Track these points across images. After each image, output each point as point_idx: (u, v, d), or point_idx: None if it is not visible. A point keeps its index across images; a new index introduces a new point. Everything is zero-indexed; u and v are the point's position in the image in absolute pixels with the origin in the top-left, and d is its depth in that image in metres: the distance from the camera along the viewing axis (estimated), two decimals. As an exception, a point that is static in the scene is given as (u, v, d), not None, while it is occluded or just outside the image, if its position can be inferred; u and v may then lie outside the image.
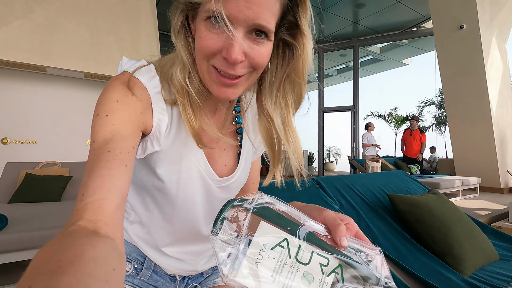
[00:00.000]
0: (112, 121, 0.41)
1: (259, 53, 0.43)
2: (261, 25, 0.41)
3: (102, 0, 4.39)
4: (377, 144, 6.63)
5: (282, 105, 0.52)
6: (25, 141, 4.38)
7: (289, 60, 0.50)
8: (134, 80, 0.46)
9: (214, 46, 0.41)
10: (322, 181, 1.32)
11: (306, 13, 0.47)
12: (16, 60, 3.77)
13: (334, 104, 9.04)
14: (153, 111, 0.47)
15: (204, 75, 0.46)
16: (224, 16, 0.39)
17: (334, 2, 6.31)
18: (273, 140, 0.54)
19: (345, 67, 10.81)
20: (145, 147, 0.49)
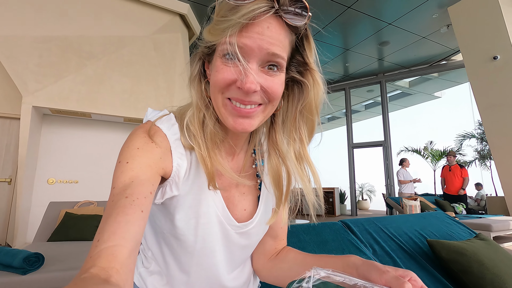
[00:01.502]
0: (132, 167, 0.43)
1: (272, 84, 0.45)
2: (275, 54, 0.43)
3: (143, 53, 4.92)
4: (415, 179, 6.21)
5: (296, 139, 0.53)
6: (68, 181, 4.72)
7: (300, 96, 0.52)
8: (155, 129, 0.49)
9: (229, 77, 0.44)
10: (352, 224, 1.24)
11: (311, 50, 0.50)
12: (67, 109, 4.23)
13: (364, 139, 8.81)
14: (173, 156, 0.49)
15: (219, 109, 0.47)
16: (237, 48, 0.42)
17: (357, 41, 6.48)
18: (281, 179, 0.54)
19: (373, 102, 10.69)
20: (164, 192, 0.51)
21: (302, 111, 0.52)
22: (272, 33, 0.43)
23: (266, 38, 0.42)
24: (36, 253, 1.63)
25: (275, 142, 0.55)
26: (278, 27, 0.44)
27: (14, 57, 4.06)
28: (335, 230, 1.15)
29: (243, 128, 0.46)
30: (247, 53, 0.43)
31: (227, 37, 0.42)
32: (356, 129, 8.97)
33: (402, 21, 5.71)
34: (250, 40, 0.42)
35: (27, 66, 4.10)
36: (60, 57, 4.31)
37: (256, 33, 0.42)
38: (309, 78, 0.51)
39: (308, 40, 0.50)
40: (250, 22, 0.42)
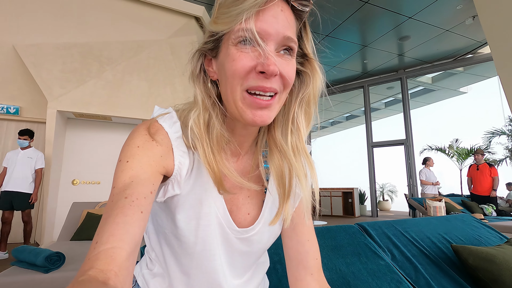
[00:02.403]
0: (132, 166, 0.42)
1: (288, 68, 0.45)
2: (289, 38, 0.43)
3: (160, 57, 5.03)
4: (435, 182, 5.93)
5: (293, 131, 0.52)
6: (90, 182, 4.90)
7: (300, 87, 0.52)
8: (156, 126, 0.48)
9: (248, 63, 0.43)
10: (369, 227, 1.18)
11: (309, 39, 0.51)
12: (89, 112, 4.40)
13: (384, 138, 8.53)
14: (174, 154, 0.48)
15: (237, 104, 0.45)
16: (255, 32, 0.41)
17: (376, 37, 6.29)
18: (284, 176, 0.52)
19: (394, 99, 10.34)
20: (166, 190, 0.49)
21: (301, 102, 0.52)
22: (286, 16, 0.44)
23: (281, 22, 0.43)
24: (57, 252, 1.69)
25: (274, 136, 0.53)
26: (289, 11, 0.45)
27: (40, 64, 4.27)
28: (351, 234, 1.10)
29: (262, 120, 0.45)
30: (265, 37, 0.42)
31: (243, 23, 0.41)
32: (376, 128, 8.71)
33: (423, 14, 5.47)
34: (266, 24, 0.42)
35: (52, 72, 4.29)
36: (82, 62, 4.49)
37: (272, 16, 0.42)
38: (309, 68, 0.51)
39: (306, 29, 0.50)
40: (264, 6, 0.42)
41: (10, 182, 3.57)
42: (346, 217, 8.56)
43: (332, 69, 7.95)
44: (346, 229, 1.12)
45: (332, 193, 8.98)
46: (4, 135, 4.62)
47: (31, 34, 4.37)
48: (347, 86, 9.09)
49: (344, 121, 13.26)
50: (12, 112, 4.52)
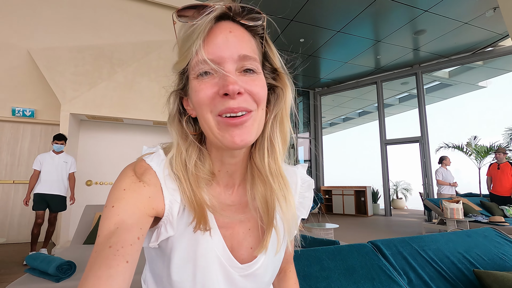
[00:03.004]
0: (117, 212, 0.40)
1: (255, 84, 0.44)
2: (246, 56, 0.43)
3: (170, 58, 5.02)
4: (452, 183, 5.72)
5: (270, 152, 0.50)
6: (104, 182, 4.99)
7: (275, 103, 0.51)
8: (143, 166, 0.46)
9: (210, 90, 0.43)
10: (384, 246, 1.12)
11: (274, 54, 0.50)
12: (100, 115, 4.45)
13: (398, 135, 8.31)
14: (164, 193, 0.46)
15: (213, 131, 0.44)
16: (208, 60, 0.41)
17: (390, 32, 6.08)
18: (269, 203, 0.50)
19: (408, 95, 10.04)
20: (159, 233, 0.47)
21: (275, 118, 0.51)
22: (237, 36, 0.43)
23: (232, 43, 0.43)
24: (68, 261, 1.71)
25: (254, 160, 0.52)
26: (240, 30, 0.45)
27: (53, 68, 4.34)
28: (364, 254, 1.04)
29: (242, 139, 0.43)
30: (219, 63, 0.42)
31: (194, 55, 0.42)
32: (390, 124, 8.49)
33: (440, 7, 5.23)
34: (218, 49, 0.42)
35: (64, 75, 4.36)
36: (94, 65, 4.54)
37: (221, 40, 0.42)
38: (280, 82, 0.51)
39: (269, 43, 0.50)
40: (211, 31, 0.43)
41: (46, 185, 3.66)
42: (359, 216, 8.43)
43: (344, 65, 7.77)
44: (359, 249, 1.07)
45: (344, 191, 8.84)
46: (21, 137, 4.75)
47: (45, 38, 4.45)
48: (359, 82, 8.88)
49: (356, 117, 13.01)
50: (28, 115, 4.64)
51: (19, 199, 4.61)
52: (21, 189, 4.65)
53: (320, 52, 7.01)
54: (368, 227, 6.34)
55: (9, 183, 4.60)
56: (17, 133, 4.73)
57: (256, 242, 0.53)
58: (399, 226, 6.44)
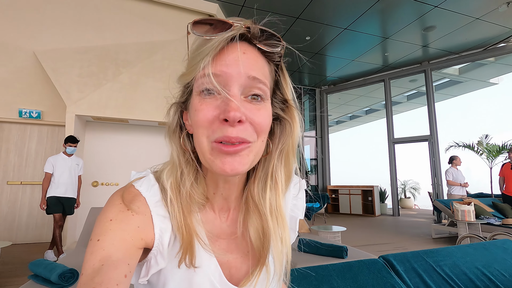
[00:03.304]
0: (103, 246, 0.37)
1: (259, 114, 0.41)
2: (256, 78, 0.40)
3: (174, 57, 4.99)
4: (463, 183, 5.58)
5: (272, 188, 0.48)
6: (109, 183, 4.99)
7: (281, 136, 0.48)
8: (132, 192, 0.44)
9: (210, 112, 0.40)
10: (396, 261, 1.06)
11: (287, 85, 0.47)
12: (106, 116, 4.45)
13: (406, 133, 8.15)
14: (154, 222, 0.43)
15: (205, 156, 0.42)
16: (212, 77, 0.39)
17: (398, 28, 5.94)
18: (261, 238, 0.47)
19: (417, 92, 9.85)
20: (149, 266, 0.43)
21: (281, 153, 0.48)
22: (250, 58, 0.41)
23: (243, 63, 0.40)
24: (71, 269, 1.68)
25: (253, 192, 0.49)
26: (255, 53, 0.42)
27: (58, 69, 4.35)
28: (376, 272, 0.98)
29: (233, 168, 0.40)
30: (226, 82, 0.40)
31: (201, 70, 0.40)
32: (398, 122, 8.33)
33: (450, 3, 5.08)
34: (226, 66, 0.39)
35: (70, 77, 4.36)
36: (99, 66, 4.53)
37: (232, 59, 0.40)
38: (289, 115, 0.48)
39: (284, 72, 0.47)
40: (224, 49, 0.40)
41: (61, 188, 3.67)
42: (366, 216, 8.32)
43: (351, 63, 7.65)
44: (370, 265, 1.01)
45: (351, 191, 8.73)
46: (28, 138, 4.78)
47: (51, 40, 4.45)
48: (366, 80, 8.73)
49: (363, 115, 12.83)
50: (35, 116, 4.66)
51: (26, 200, 4.65)
52: (29, 190, 4.69)
53: (327, 49, 6.90)
54: (375, 228, 6.24)
55: (17, 184, 4.64)
56: (24, 134, 4.76)
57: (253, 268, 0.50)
58: (408, 227, 6.33)
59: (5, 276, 2.89)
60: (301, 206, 0.59)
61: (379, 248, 4.32)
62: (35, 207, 4.68)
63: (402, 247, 4.40)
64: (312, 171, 9.71)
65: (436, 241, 4.84)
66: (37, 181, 4.73)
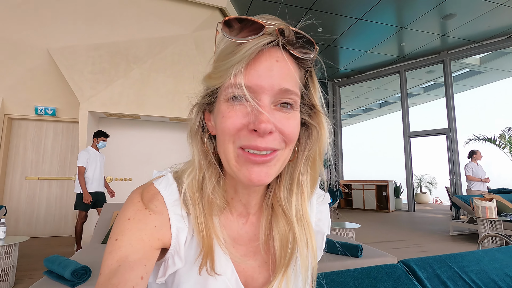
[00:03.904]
0: (121, 245, 0.38)
1: (288, 124, 0.40)
2: (288, 90, 0.39)
3: (185, 52, 4.96)
4: (484, 179, 5.34)
5: (298, 194, 0.48)
6: (123, 178, 5.07)
7: (307, 142, 0.47)
8: (151, 191, 0.44)
9: (239, 120, 0.39)
10: (418, 267, 0.99)
11: (316, 90, 0.46)
12: (118, 112, 4.48)
13: (423, 127, 7.88)
14: (171, 221, 0.43)
15: (230, 162, 0.41)
16: (244, 87, 0.37)
17: (415, 17, 5.69)
18: (288, 244, 0.46)
19: (434, 83, 9.49)
20: (166, 266, 0.43)
21: (307, 160, 0.47)
22: (282, 67, 0.39)
23: (276, 74, 0.38)
24: (83, 266, 1.69)
25: (279, 198, 0.48)
26: (288, 60, 0.40)
27: (72, 66, 4.40)
28: (396, 279, 0.92)
29: (260, 179, 0.39)
30: (257, 92, 0.38)
31: (232, 78, 0.38)
32: (414, 115, 8.06)
33: (472, -12, 4.81)
34: (258, 78, 0.38)
35: (83, 74, 4.41)
36: (110, 62, 4.56)
37: (265, 68, 0.38)
38: (316, 121, 0.47)
39: (313, 78, 0.46)
40: (256, 57, 0.38)
41: (93, 183, 3.71)
42: (380, 211, 8.16)
43: (365, 54, 7.41)
44: (389, 271, 0.94)
45: (364, 186, 8.57)
46: (44, 135, 4.89)
47: (64, 37, 4.50)
48: (381, 72, 8.47)
49: (377, 108, 12.51)
50: (50, 113, 4.76)
51: (44, 195, 4.79)
52: (46, 185, 4.82)
53: (339, 41, 6.70)
54: (390, 224, 6.10)
55: (35, 179, 4.77)
56: (41, 131, 4.87)
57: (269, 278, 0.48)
58: (424, 224, 6.15)
59: (23, 269, 2.98)
60: (326, 220, 0.57)
61: (395, 245, 4.22)
62: (53, 202, 4.81)
63: (418, 245, 4.27)
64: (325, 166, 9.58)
65: (454, 238, 4.68)
66: (53, 176, 4.85)
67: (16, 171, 4.69)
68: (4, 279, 2.58)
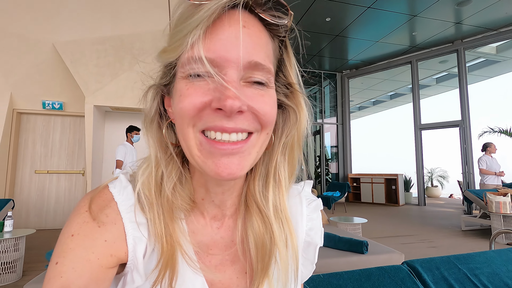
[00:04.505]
0: (61, 271, 0.31)
1: (263, 101, 0.34)
2: (258, 64, 0.32)
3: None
4: (499, 172, 5.15)
5: (275, 187, 0.42)
6: (130, 172, 5.11)
7: (284, 127, 0.41)
8: (103, 196, 0.37)
9: (199, 99, 0.32)
10: (423, 269, 0.92)
11: (292, 65, 0.39)
12: (122, 106, 4.49)
13: (434, 119, 7.65)
14: (126, 230, 0.36)
15: (192, 151, 0.34)
16: (205, 60, 0.31)
17: (427, 5, 5.45)
18: (265, 246, 0.40)
19: (447, 74, 9.17)
20: (125, 282, 0.37)
21: (284, 147, 0.41)
22: (251, 34, 0.33)
23: (244, 42, 0.32)
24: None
25: (253, 192, 0.42)
26: (257, 26, 0.34)
27: (77, 60, 4.40)
28: (399, 281, 0.85)
29: (230, 172, 0.33)
30: (221, 66, 0.32)
31: (189, 47, 0.31)
32: (425, 107, 7.82)
33: (490, -28, 4.56)
34: (222, 47, 0.31)
35: (88, 68, 4.41)
36: (115, 56, 4.54)
37: (229, 35, 0.31)
38: (294, 102, 0.40)
39: (288, 52, 0.39)
40: (218, 21, 0.31)
41: None
42: (389, 205, 8.02)
43: (375, 44, 7.19)
44: (392, 273, 0.88)
45: (373, 179, 8.42)
46: (52, 129, 4.95)
47: (68, 31, 4.49)
48: (392, 63, 8.22)
49: (387, 100, 12.23)
50: (57, 107, 4.80)
51: (53, 188, 4.87)
52: (55, 179, 4.90)
53: (348, 31, 6.51)
54: (399, 218, 5.99)
55: (44, 173, 4.85)
56: (49, 125, 4.93)
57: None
58: (435, 218, 6.01)
59: (31, 261, 3.04)
60: (318, 229, 0.49)
61: (403, 240, 4.12)
62: (61, 195, 4.89)
63: (428, 240, 4.17)
64: (333, 159, 9.46)
65: (466, 234, 4.55)
66: (62, 170, 4.91)
67: (25, 164, 4.77)
68: (13, 271, 2.63)
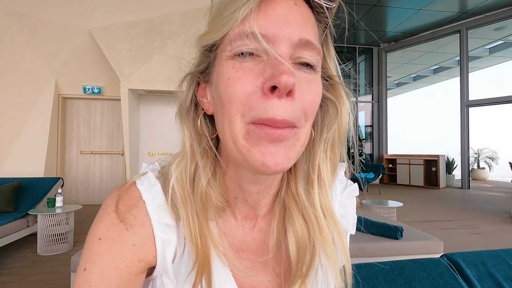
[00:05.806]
0: (89, 279, 0.30)
1: (310, 89, 0.31)
2: (309, 42, 0.31)
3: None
4: None
5: (320, 186, 0.39)
6: (164, 153, 5.33)
7: (324, 122, 0.38)
8: (130, 195, 0.35)
9: (251, 82, 0.29)
10: (466, 263, 0.84)
11: (331, 56, 0.37)
12: (154, 89, 4.62)
13: (484, 94, 6.90)
14: (154, 233, 0.34)
15: (237, 141, 0.31)
16: (258, 34, 0.28)
17: (483, -37, 4.76)
18: (306, 250, 0.38)
19: (504, 43, 8.12)
20: (154, 286, 0.36)
21: (325, 144, 0.38)
22: (302, 13, 0.31)
23: (295, 20, 0.30)
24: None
25: (296, 193, 0.39)
26: (306, 8, 0.32)
27: (111, 46, 4.56)
28: (437, 277, 0.79)
29: (276, 162, 0.30)
30: (272, 41, 0.29)
31: (239, 23, 0.29)
32: (474, 81, 7.08)
33: None
34: (274, 23, 0.29)
35: (121, 53, 4.56)
36: (146, 39, 4.63)
37: (282, 12, 0.30)
38: (334, 95, 0.37)
39: (328, 43, 0.36)
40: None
41: None
42: (428, 188, 7.59)
43: (418, 13, 6.52)
44: (429, 267, 0.81)
45: (411, 160, 7.97)
46: (93, 112, 5.28)
47: (102, 17, 4.63)
48: (437, 33, 7.45)
49: (430, 75, 11.24)
50: (96, 92, 5.07)
51: (97, 167, 5.27)
52: (98, 159, 5.28)
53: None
54: (439, 202, 5.65)
55: (88, 153, 5.25)
56: (90, 109, 5.26)
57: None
58: (480, 202, 5.59)
59: (80, 233, 3.36)
60: (351, 217, 0.47)
61: (442, 226, 3.90)
62: (104, 173, 5.28)
63: (470, 225, 3.90)
64: (367, 139, 9.06)
65: (516, 220, 4.18)
66: (104, 150, 5.27)
67: (72, 146, 5.19)
68: (65, 241, 2.94)
